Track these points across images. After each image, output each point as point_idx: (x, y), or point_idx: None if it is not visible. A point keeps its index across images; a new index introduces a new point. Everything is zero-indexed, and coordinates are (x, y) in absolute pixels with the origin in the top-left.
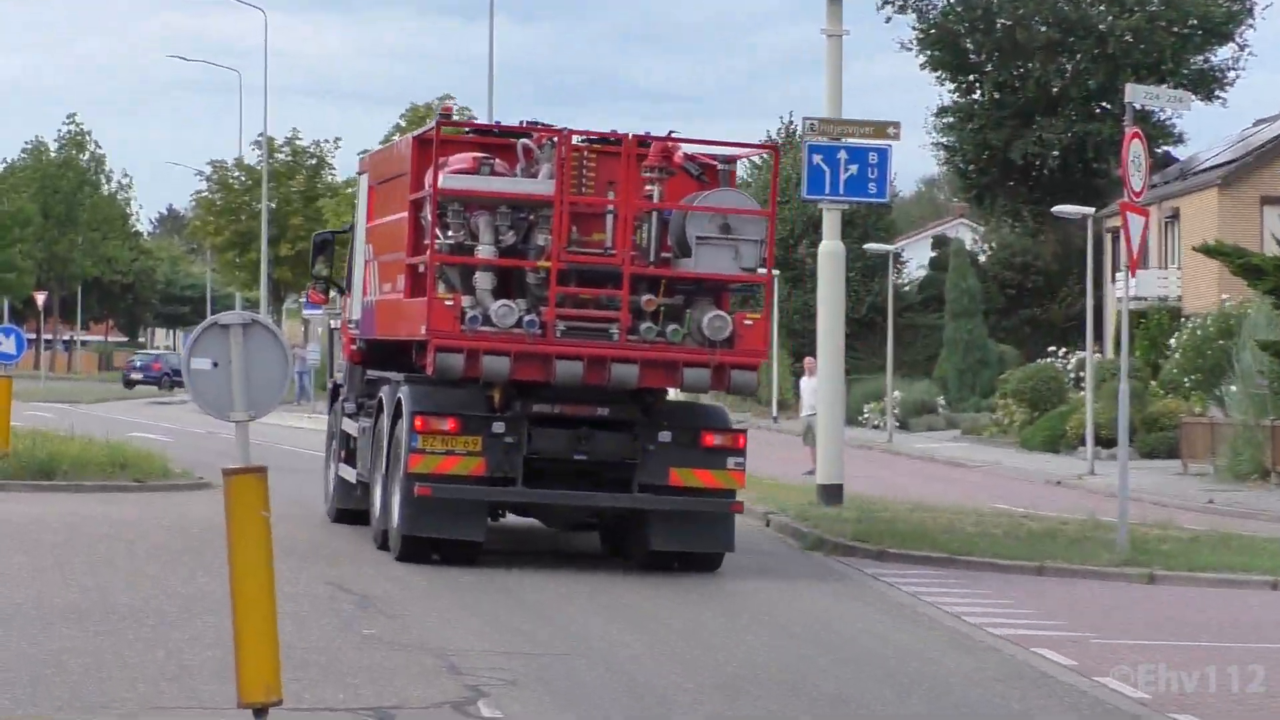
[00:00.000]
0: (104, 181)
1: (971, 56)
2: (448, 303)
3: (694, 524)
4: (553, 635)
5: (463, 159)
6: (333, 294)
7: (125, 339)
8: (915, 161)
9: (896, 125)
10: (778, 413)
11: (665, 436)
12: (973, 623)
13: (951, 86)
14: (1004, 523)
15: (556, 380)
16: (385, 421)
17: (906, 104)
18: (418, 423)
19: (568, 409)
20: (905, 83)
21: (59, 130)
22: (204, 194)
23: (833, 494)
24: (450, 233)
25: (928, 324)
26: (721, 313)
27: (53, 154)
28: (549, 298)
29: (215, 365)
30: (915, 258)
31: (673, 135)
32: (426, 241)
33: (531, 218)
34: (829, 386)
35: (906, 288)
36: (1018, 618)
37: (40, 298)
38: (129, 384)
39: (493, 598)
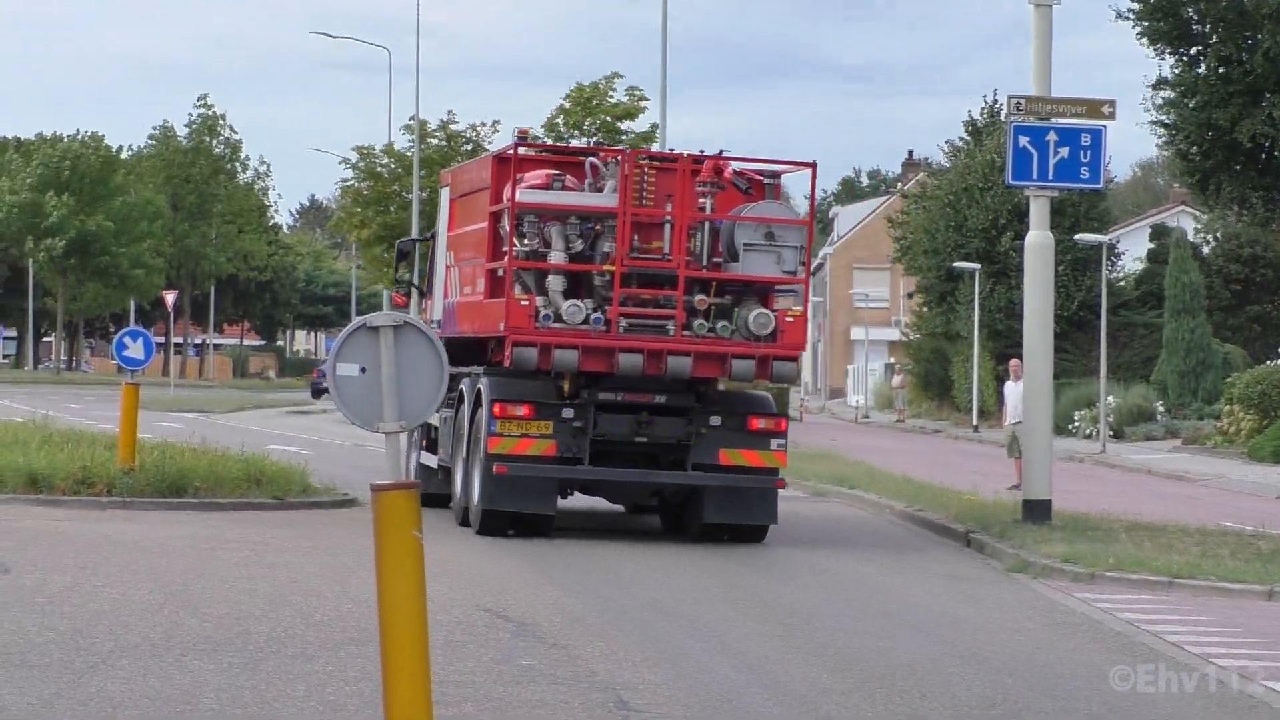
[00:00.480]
0: (239, 170)
1: (1194, 26)
2: (523, 303)
3: (742, 499)
4: (733, 668)
5: (537, 175)
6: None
7: (262, 342)
8: (1131, 143)
9: (1111, 103)
10: (978, 421)
11: (716, 421)
12: (1195, 653)
13: (1172, 60)
14: (1231, 542)
15: (619, 371)
16: (466, 410)
17: (1121, 83)
18: (496, 409)
19: (630, 396)
20: (1120, 60)
21: (190, 114)
22: (349, 183)
23: (1039, 511)
24: (526, 241)
25: (1145, 323)
26: (766, 310)
27: (182, 140)
28: (613, 298)
29: (363, 371)
30: (1131, 249)
31: (723, 154)
32: (505, 249)
33: (597, 227)
34: (1036, 392)
35: (1121, 283)
36: (1245, 647)
37: (170, 298)
38: (317, 394)
39: (660, 622)
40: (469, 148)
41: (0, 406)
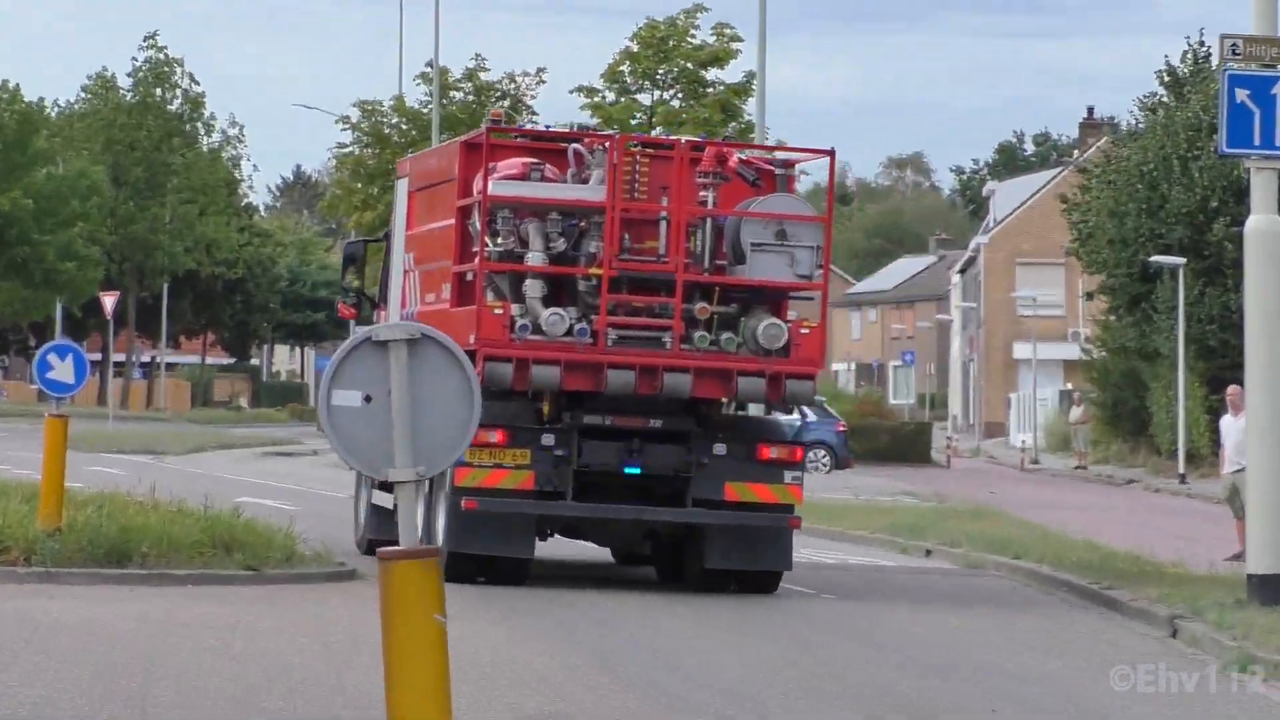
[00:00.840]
0: (201, 133)
1: None
2: (496, 311)
3: (751, 541)
4: None
5: (512, 165)
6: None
7: (231, 360)
8: None
9: None
10: (1185, 468)
11: (720, 449)
12: None
13: None
14: None
15: (607, 390)
16: None
17: None
18: None
19: (619, 420)
20: None
21: (135, 59)
22: (347, 150)
23: (1271, 588)
24: (499, 240)
25: None
26: (776, 320)
27: (126, 93)
28: (600, 305)
29: (368, 400)
30: None
31: (727, 140)
32: (475, 249)
33: (582, 224)
34: (1262, 428)
35: None
36: None
37: (109, 301)
38: None
39: None
40: (503, 103)
41: None
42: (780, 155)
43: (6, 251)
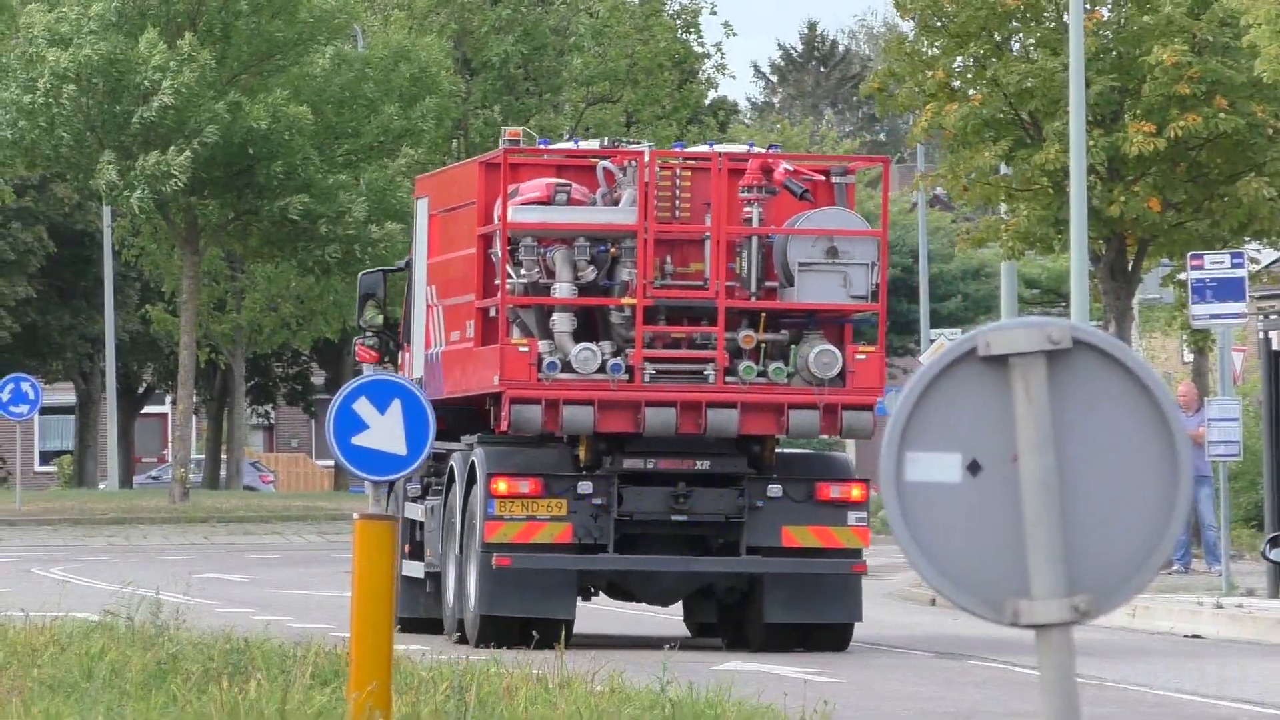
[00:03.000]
0: None
1: None
2: (522, 349)
3: (815, 591)
4: None
5: (536, 187)
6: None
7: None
8: None
9: None
10: None
11: (775, 490)
12: None
13: None
14: None
15: (646, 430)
16: (458, 492)
17: None
18: (495, 485)
19: (663, 463)
20: None
21: None
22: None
23: None
24: (523, 271)
25: None
26: (829, 347)
27: None
28: (635, 338)
29: (976, 471)
30: None
31: (772, 150)
32: (498, 282)
33: (613, 250)
34: None
35: None
36: None
37: None
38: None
39: None
40: None
41: None
42: (830, 165)
43: (265, 203)
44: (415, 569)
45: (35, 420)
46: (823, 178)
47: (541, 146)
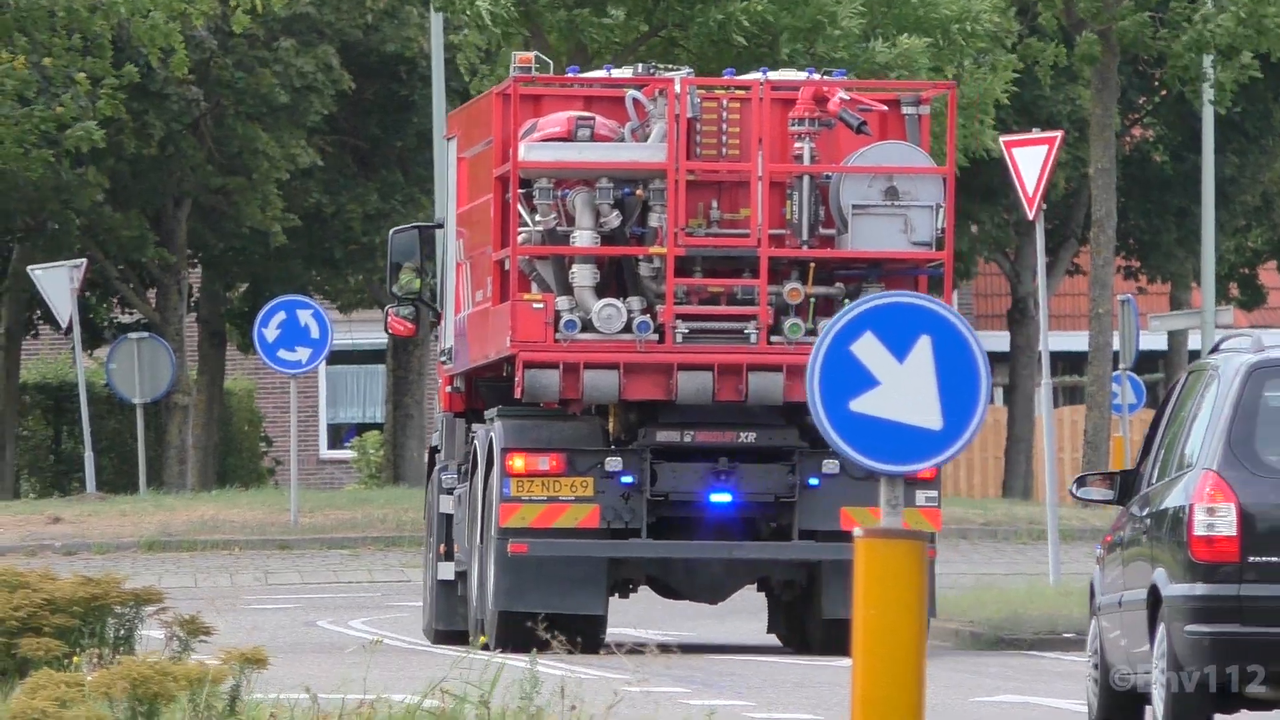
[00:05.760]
0: None
1: None
2: (536, 305)
3: None
4: None
5: (556, 121)
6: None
7: None
8: None
9: None
10: None
11: (832, 467)
12: None
13: None
14: None
15: (679, 397)
16: (480, 474)
17: None
18: (510, 462)
19: (703, 436)
20: None
21: None
22: None
23: None
24: (538, 217)
25: None
26: None
27: None
28: (666, 293)
29: None
30: None
31: (828, 77)
32: (520, 230)
33: (639, 192)
34: None
35: None
36: None
37: None
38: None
39: None
40: None
41: None
42: (891, 93)
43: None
44: (448, 571)
45: (321, 373)
46: (886, 108)
47: (571, 75)
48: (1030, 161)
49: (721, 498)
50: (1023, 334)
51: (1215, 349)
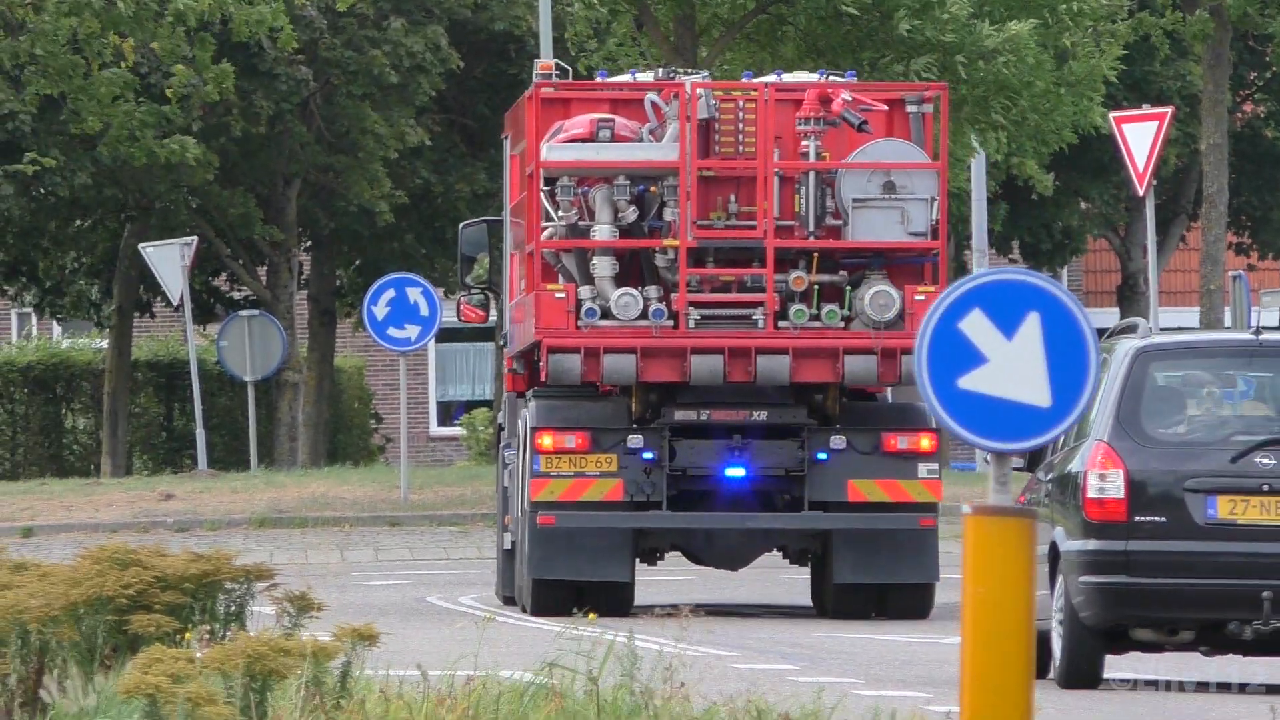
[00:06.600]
0: None
1: None
2: (559, 295)
3: (886, 549)
4: None
5: (580, 123)
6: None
7: None
8: None
9: None
10: None
11: (839, 442)
12: None
13: None
14: None
15: (692, 379)
16: (520, 452)
17: None
18: (539, 440)
19: (717, 414)
20: None
21: None
22: None
23: None
24: (561, 213)
25: None
26: (886, 288)
27: None
28: (679, 282)
29: None
30: None
31: (831, 79)
32: (545, 225)
33: (654, 188)
34: None
35: None
36: None
37: None
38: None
39: None
40: None
41: None
42: (888, 94)
43: None
44: (508, 541)
45: (431, 350)
46: (888, 108)
47: (600, 80)
48: (1140, 137)
49: (736, 472)
50: (1133, 310)
51: (1109, 335)
